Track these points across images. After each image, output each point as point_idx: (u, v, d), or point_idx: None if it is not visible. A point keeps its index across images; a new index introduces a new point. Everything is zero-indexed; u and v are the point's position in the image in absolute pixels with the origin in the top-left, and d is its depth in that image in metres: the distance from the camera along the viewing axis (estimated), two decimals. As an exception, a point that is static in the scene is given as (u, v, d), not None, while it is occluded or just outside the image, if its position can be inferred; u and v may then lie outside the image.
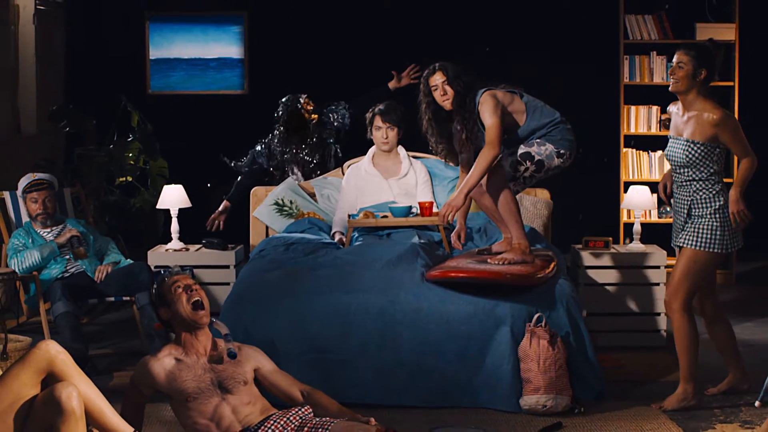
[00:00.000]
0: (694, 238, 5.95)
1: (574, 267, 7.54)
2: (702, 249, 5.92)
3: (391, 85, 8.39)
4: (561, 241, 7.81)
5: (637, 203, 7.69)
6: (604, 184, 9.58)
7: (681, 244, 6.02)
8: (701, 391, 6.19)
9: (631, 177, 9.41)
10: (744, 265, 9.57)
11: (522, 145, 6.44)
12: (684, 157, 5.94)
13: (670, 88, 6.02)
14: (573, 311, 6.32)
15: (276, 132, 8.14)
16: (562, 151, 6.47)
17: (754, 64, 9.42)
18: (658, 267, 7.45)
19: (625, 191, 8.18)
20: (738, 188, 5.87)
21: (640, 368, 6.61)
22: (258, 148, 8.20)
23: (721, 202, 5.90)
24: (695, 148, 5.90)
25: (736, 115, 9.30)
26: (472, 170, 6.35)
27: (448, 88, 6.47)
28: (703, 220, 5.93)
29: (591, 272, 7.49)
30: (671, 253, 7.32)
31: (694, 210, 5.97)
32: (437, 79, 6.48)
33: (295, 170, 8.14)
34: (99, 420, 4.37)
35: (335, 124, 8.27)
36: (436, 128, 6.64)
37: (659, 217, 9.44)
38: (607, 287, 7.46)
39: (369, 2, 9.87)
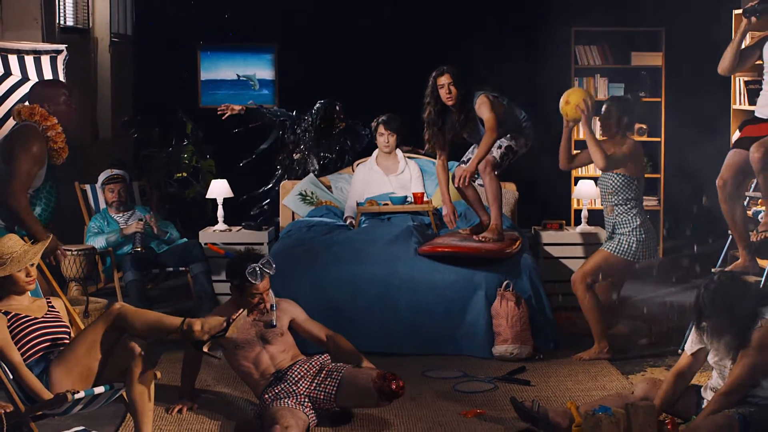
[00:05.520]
0: (615, 246, 5.92)
1: (535, 244, 7.52)
2: (618, 255, 5.90)
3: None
4: (525, 223, 7.79)
5: (585, 194, 7.68)
6: (560, 179, 9.53)
7: (604, 248, 6.00)
8: (634, 344, 6.19)
9: (580, 173, 9.35)
10: (670, 241, 9.54)
11: (504, 140, 6.43)
12: (609, 185, 5.94)
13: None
14: (534, 279, 6.32)
15: (308, 121, 8.03)
16: (528, 142, 6.56)
17: (677, 84, 9.40)
18: (601, 244, 7.40)
19: (576, 184, 8.14)
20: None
21: (587, 324, 6.57)
22: (284, 117, 8.14)
23: (638, 223, 5.88)
24: (616, 179, 5.88)
25: (663, 124, 9.26)
26: (479, 148, 6.32)
27: (453, 88, 6.39)
28: (623, 236, 5.90)
29: (549, 248, 7.47)
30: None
31: (617, 228, 5.95)
32: (444, 80, 6.40)
33: (314, 160, 8.05)
34: (154, 325, 4.36)
35: (354, 143, 8.17)
36: (435, 118, 6.51)
37: (602, 205, 9.36)
38: (562, 260, 7.44)
39: (377, 33, 9.82)
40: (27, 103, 5.34)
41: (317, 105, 7.99)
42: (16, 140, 5.12)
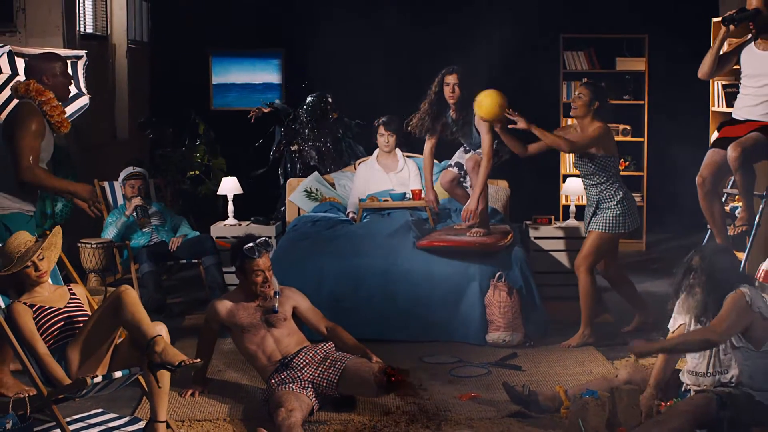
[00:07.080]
0: (602, 224, 5.92)
1: (525, 237, 7.51)
2: (607, 231, 5.90)
3: None
4: (516, 218, 7.79)
5: (573, 190, 7.67)
6: (549, 176, 9.53)
7: (591, 229, 5.99)
8: (619, 331, 6.19)
9: (568, 171, 9.36)
10: (653, 235, 9.54)
11: (496, 141, 6.41)
12: (589, 168, 5.92)
13: (571, 113, 5.99)
14: (525, 270, 6.31)
15: (301, 116, 8.07)
16: None
17: (659, 88, 9.40)
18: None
19: (564, 182, 8.14)
20: (536, 130, 5.85)
21: (574, 313, 6.58)
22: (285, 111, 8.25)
23: (621, 196, 5.88)
24: (595, 160, 5.87)
25: (646, 125, 9.26)
26: (479, 177, 6.28)
27: (457, 88, 6.37)
28: (609, 210, 5.89)
29: (538, 241, 7.46)
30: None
31: (600, 204, 5.94)
32: (451, 79, 6.37)
33: (311, 152, 8.06)
34: (135, 323, 4.26)
35: (345, 132, 8.20)
36: (433, 109, 6.50)
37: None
38: (551, 252, 7.44)
39: (378, 37, 9.82)
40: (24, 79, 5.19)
41: (309, 98, 8.04)
42: (14, 120, 4.96)
